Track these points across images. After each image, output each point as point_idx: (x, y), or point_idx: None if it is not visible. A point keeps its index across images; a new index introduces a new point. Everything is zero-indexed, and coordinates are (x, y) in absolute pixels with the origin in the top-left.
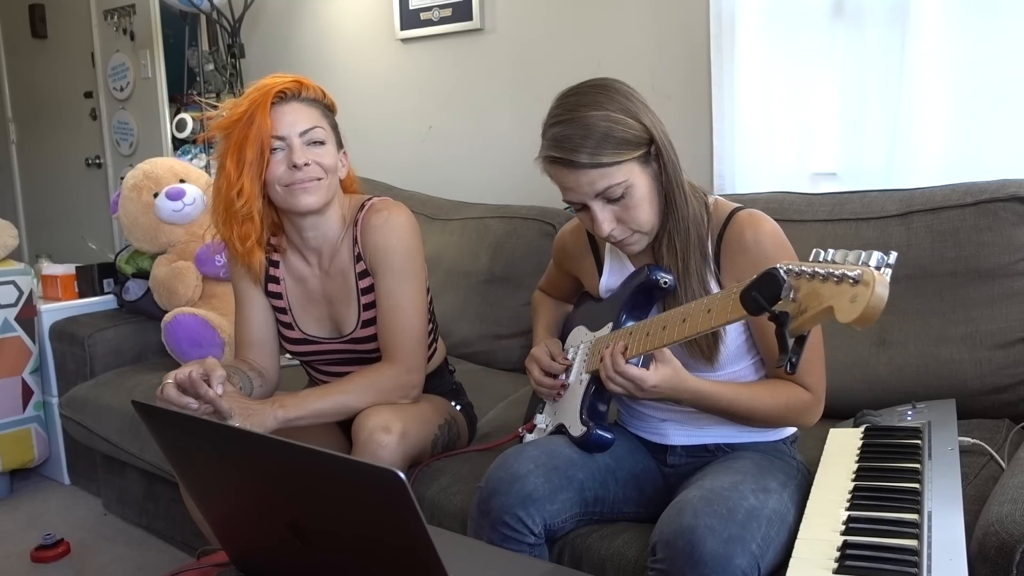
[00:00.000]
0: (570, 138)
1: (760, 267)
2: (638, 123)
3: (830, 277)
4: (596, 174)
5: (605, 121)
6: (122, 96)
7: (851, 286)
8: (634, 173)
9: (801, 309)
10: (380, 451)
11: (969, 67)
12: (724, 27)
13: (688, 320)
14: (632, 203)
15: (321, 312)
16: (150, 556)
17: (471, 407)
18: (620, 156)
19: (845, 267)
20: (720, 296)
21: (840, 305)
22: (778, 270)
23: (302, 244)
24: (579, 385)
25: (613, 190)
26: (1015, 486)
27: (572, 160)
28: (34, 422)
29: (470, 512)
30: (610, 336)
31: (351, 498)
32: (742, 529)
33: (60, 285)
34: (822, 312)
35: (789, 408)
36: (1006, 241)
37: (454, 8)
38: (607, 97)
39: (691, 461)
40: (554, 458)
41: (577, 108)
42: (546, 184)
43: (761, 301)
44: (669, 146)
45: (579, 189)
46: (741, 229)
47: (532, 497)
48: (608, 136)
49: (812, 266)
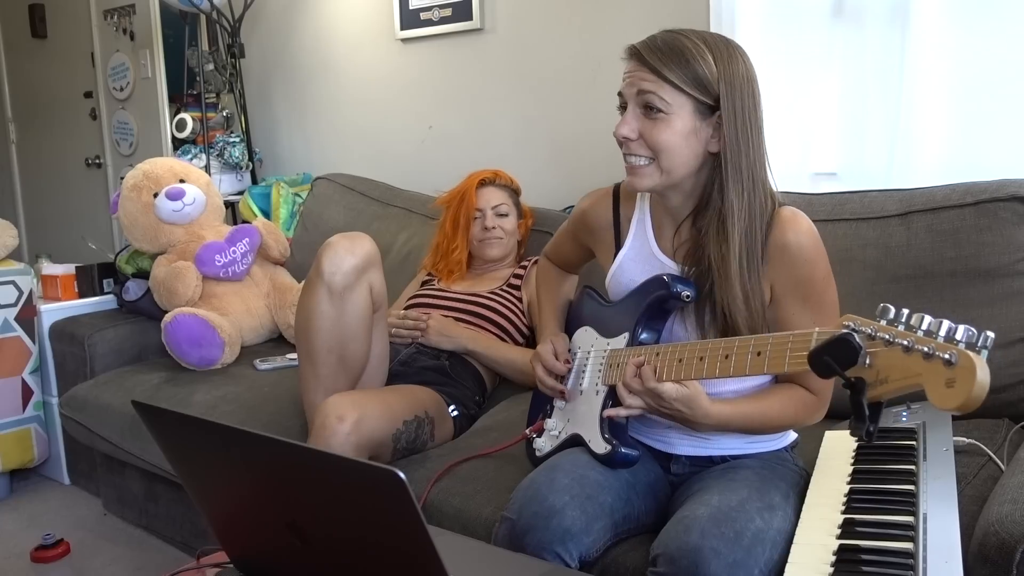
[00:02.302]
0: (655, 40)
1: (798, 267)
2: (716, 83)
3: (916, 350)
4: (651, 76)
5: (695, 51)
6: (122, 96)
7: (946, 367)
8: (683, 109)
9: (881, 378)
10: (331, 439)
11: (969, 67)
12: (724, 27)
13: (733, 359)
14: (661, 127)
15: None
16: (150, 556)
17: (471, 420)
18: (681, 82)
19: (935, 343)
20: (774, 341)
21: (934, 387)
22: (853, 337)
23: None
24: (595, 396)
25: (652, 99)
26: (1015, 486)
27: (643, 55)
28: (34, 422)
29: (495, 538)
30: (631, 352)
31: (351, 498)
32: (747, 555)
33: (60, 285)
34: (909, 386)
35: (798, 416)
36: (1006, 241)
37: (454, 8)
38: (717, 43)
39: (694, 469)
40: (586, 486)
41: (688, 32)
42: (546, 184)
43: (834, 366)
44: (747, 125)
45: (631, 81)
46: (784, 228)
47: (570, 532)
48: (686, 61)
49: (890, 331)
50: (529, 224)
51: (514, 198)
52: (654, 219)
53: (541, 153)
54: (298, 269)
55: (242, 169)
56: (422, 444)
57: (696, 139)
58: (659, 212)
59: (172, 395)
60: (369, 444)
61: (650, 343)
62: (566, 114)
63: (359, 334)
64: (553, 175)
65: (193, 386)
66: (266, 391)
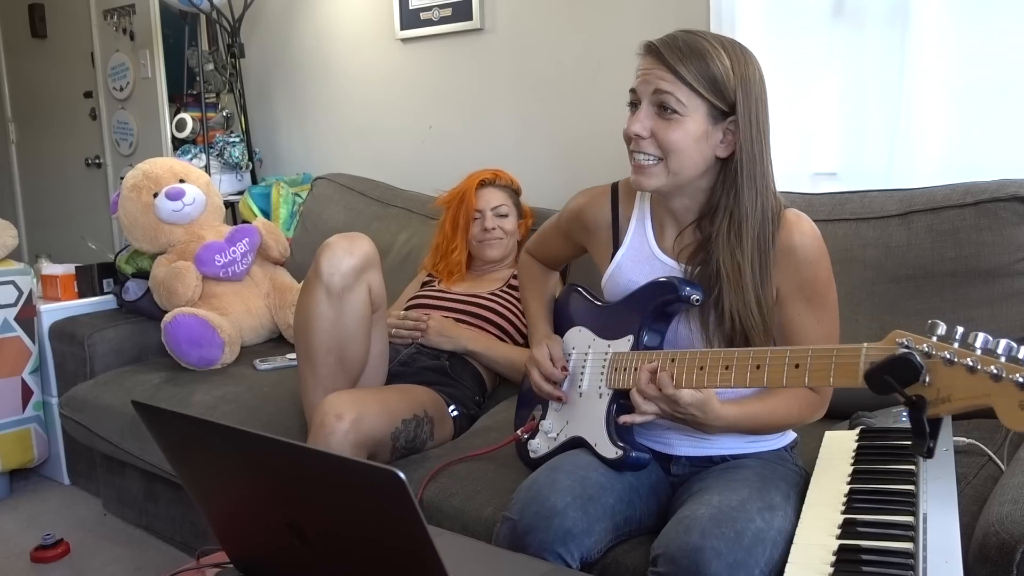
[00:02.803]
0: (676, 39)
1: (803, 269)
2: (733, 89)
3: (981, 372)
4: (669, 76)
5: (714, 53)
6: (122, 96)
7: (1019, 389)
8: (698, 112)
9: (943, 396)
10: (330, 438)
11: (969, 67)
12: (724, 27)
13: (766, 370)
14: (674, 128)
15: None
16: (150, 556)
17: (471, 420)
18: (699, 85)
19: (1003, 365)
20: (814, 355)
21: (1006, 408)
22: (914, 356)
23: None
24: (598, 399)
25: (668, 99)
26: (1015, 486)
27: (661, 52)
28: (34, 422)
29: (496, 539)
30: (640, 356)
31: (351, 498)
32: (748, 555)
33: (60, 285)
34: (976, 406)
35: (803, 414)
36: (1006, 241)
37: (454, 8)
38: (734, 48)
39: (694, 470)
40: (588, 487)
41: (706, 34)
42: (546, 184)
43: (895, 385)
44: (759, 131)
45: (646, 79)
46: (790, 231)
47: (572, 533)
48: (704, 63)
49: (948, 349)
50: (529, 224)
51: (514, 198)
52: (655, 219)
53: (541, 153)
54: (298, 269)
55: (242, 169)
56: (421, 443)
57: (707, 143)
58: (660, 212)
59: (172, 395)
60: (368, 443)
61: (654, 346)
62: (566, 114)
63: (358, 334)
64: (553, 175)
65: (193, 386)
66: (266, 391)
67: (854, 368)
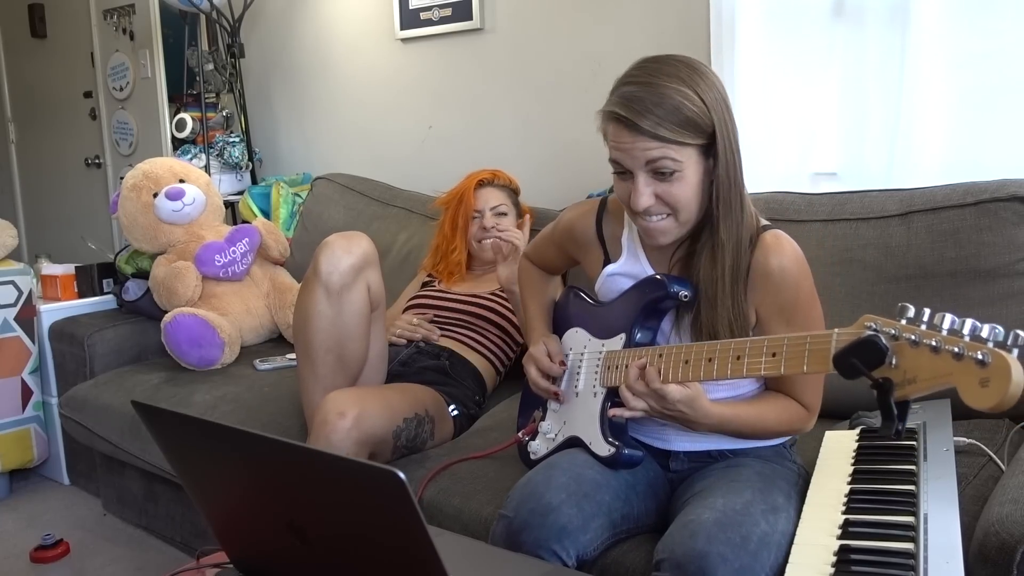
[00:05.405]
0: (641, 100)
1: (782, 292)
2: (709, 120)
3: (945, 351)
4: (654, 144)
5: (680, 96)
6: (122, 96)
7: (979, 367)
8: (691, 159)
9: (909, 378)
10: (332, 436)
11: (969, 67)
12: (724, 27)
13: (746, 360)
14: (678, 185)
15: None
16: (150, 556)
17: (471, 420)
18: (682, 136)
19: (964, 343)
20: (790, 342)
21: (967, 386)
22: (879, 338)
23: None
24: (593, 398)
25: (665, 164)
26: (1015, 486)
27: (635, 122)
28: (33, 422)
29: (492, 537)
30: (630, 353)
31: (351, 498)
32: (753, 559)
33: (60, 285)
34: (939, 385)
35: (792, 424)
36: (1006, 241)
37: (454, 8)
38: (691, 75)
39: (693, 466)
40: (583, 484)
41: (658, 75)
42: (546, 184)
43: (860, 367)
44: (733, 151)
45: (632, 153)
46: (767, 254)
47: (567, 530)
48: (678, 111)
49: (914, 331)
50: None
51: (513, 198)
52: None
53: (541, 153)
54: (298, 269)
55: (242, 169)
56: (422, 442)
57: (707, 179)
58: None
59: (172, 395)
60: (370, 440)
61: (646, 343)
62: (566, 114)
63: (357, 333)
64: (553, 175)
65: (193, 386)
66: (266, 391)
67: (825, 353)
